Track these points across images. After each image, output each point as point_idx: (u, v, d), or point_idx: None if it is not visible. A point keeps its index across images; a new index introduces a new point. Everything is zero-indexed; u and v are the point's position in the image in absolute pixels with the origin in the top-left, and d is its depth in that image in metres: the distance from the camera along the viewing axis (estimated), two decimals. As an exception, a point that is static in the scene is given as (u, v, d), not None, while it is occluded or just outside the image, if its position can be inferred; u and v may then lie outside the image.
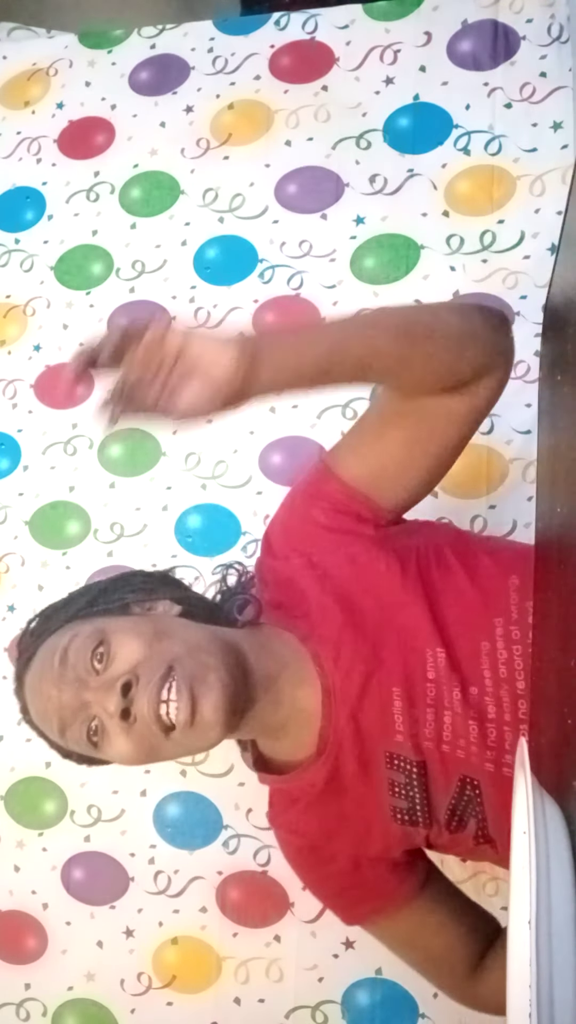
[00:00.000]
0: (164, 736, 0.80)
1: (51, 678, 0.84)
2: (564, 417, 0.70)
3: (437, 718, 0.84)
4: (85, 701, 0.82)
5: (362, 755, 0.87)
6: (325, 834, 0.92)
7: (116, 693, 0.79)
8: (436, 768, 0.85)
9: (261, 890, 1.26)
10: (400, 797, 0.86)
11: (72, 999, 1.32)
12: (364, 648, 0.87)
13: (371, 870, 0.92)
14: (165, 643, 0.82)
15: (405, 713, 0.85)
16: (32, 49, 1.64)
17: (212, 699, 0.79)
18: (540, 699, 0.70)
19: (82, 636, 0.84)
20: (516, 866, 0.50)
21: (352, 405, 1.34)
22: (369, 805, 0.88)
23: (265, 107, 1.47)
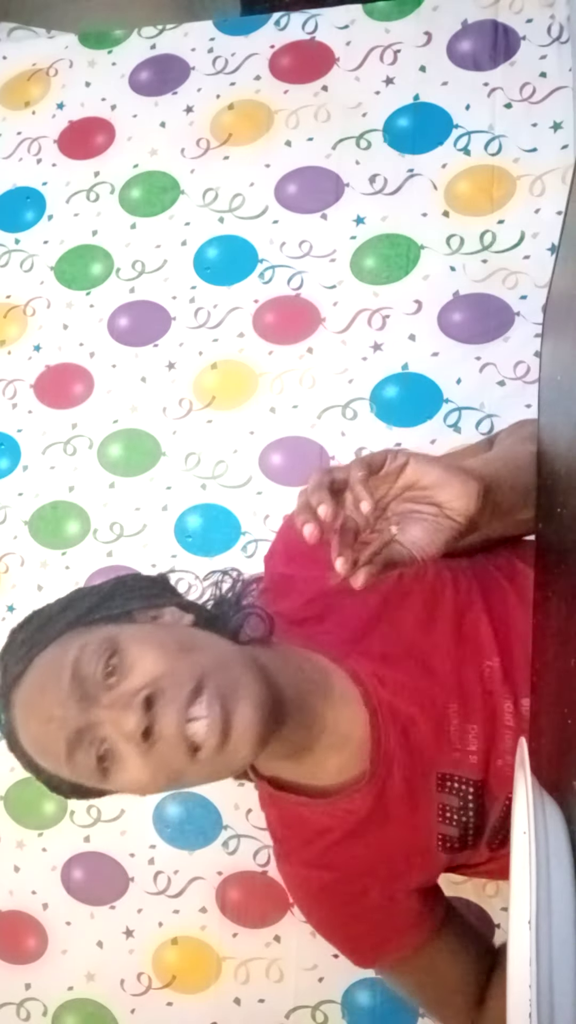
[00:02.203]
0: (189, 758, 0.70)
1: (55, 697, 0.73)
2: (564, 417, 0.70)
3: (495, 732, 0.78)
4: (95, 720, 0.71)
5: (412, 779, 0.80)
6: (360, 867, 0.83)
7: (137, 709, 0.69)
8: (492, 786, 0.79)
9: (261, 890, 1.26)
10: (450, 824, 0.80)
11: (72, 999, 1.32)
12: (413, 665, 0.80)
13: (405, 903, 0.84)
14: (193, 655, 0.73)
15: (461, 728, 0.79)
16: (32, 49, 1.64)
17: (247, 716, 0.70)
18: (540, 699, 0.70)
19: (92, 645, 0.73)
20: (516, 866, 0.50)
21: (352, 405, 1.34)
22: (414, 834, 0.81)
23: (265, 107, 1.47)
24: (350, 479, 0.66)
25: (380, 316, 1.36)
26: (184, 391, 1.42)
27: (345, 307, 1.38)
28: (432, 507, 0.69)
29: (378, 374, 1.35)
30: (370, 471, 0.67)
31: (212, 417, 1.41)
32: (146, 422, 1.43)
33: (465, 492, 0.68)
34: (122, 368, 1.46)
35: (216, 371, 1.42)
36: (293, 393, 1.38)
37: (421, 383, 1.33)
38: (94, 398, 1.46)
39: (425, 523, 0.69)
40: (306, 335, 1.39)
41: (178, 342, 1.44)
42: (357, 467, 0.66)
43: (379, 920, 0.84)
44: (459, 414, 1.30)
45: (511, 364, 1.30)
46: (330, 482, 0.67)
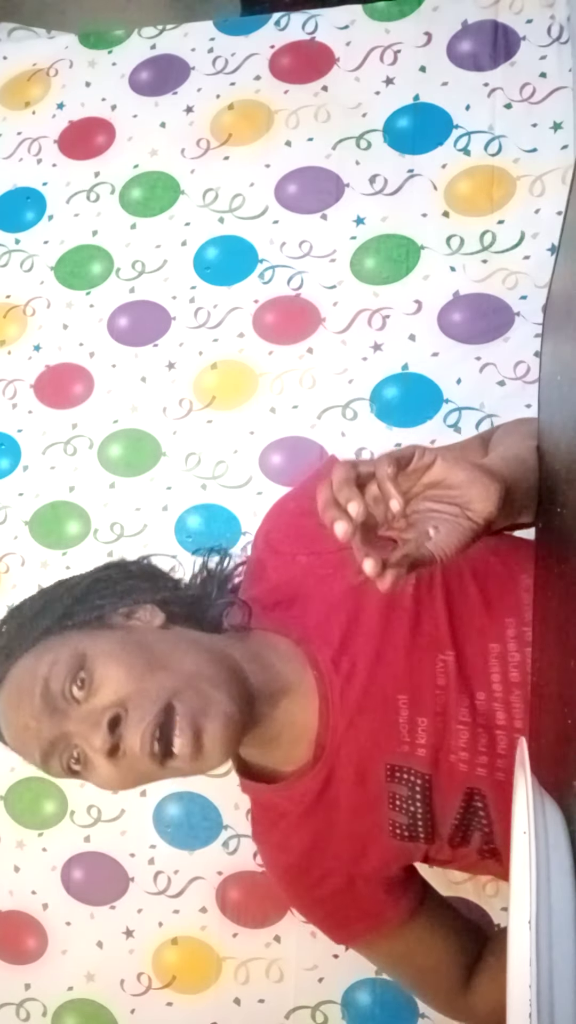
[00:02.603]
0: (158, 766, 0.74)
1: (29, 710, 0.76)
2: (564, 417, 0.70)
3: (446, 727, 0.79)
4: (66, 732, 0.76)
5: (360, 765, 0.81)
6: (316, 850, 0.86)
7: (102, 729, 0.73)
8: (443, 781, 0.79)
9: (261, 890, 1.26)
10: (400, 812, 0.81)
11: (72, 999, 1.32)
12: (368, 652, 0.81)
13: (365, 888, 0.86)
14: (159, 675, 0.75)
15: (411, 721, 0.79)
16: (32, 49, 1.64)
17: (217, 733, 0.74)
18: (540, 699, 0.70)
19: (61, 662, 0.76)
20: (516, 866, 0.50)
21: (352, 405, 1.34)
22: (365, 819, 0.83)
23: (265, 107, 1.47)
24: (378, 475, 0.66)
25: (380, 316, 1.36)
26: (184, 391, 1.42)
27: (345, 307, 1.38)
28: (453, 507, 0.69)
29: (378, 374, 1.35)
30: (398, 468, 0.66)
31: (212, 417, 1.41)
32: (146, 422, 1.43)
33: (487, 495, 0.68)
34: (122, 368, 1.46)
35: (216, 371, 1.42)
36: (293, 393, 1.38)
37: (421, 383, 1.33)
38: (94, 398, 1.46)
39: (446, 524, 0.69)
40: (306, 335, 1.39)
41: (178, 342, 1.44)
42: (386, 463, 0.66)
43: (341, 903, 0.87)
44: (459, 414, 1.30)
45: (511, 364, 1.30)
46: (356, 476, 0.66)
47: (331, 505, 0.66)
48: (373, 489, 0.66)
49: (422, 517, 0.69)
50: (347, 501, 0.64)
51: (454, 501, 0.69)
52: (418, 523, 0.69)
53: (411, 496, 0.69)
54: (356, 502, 0.64)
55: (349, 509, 0.64)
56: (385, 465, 0.65)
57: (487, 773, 0.79)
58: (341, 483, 0.66)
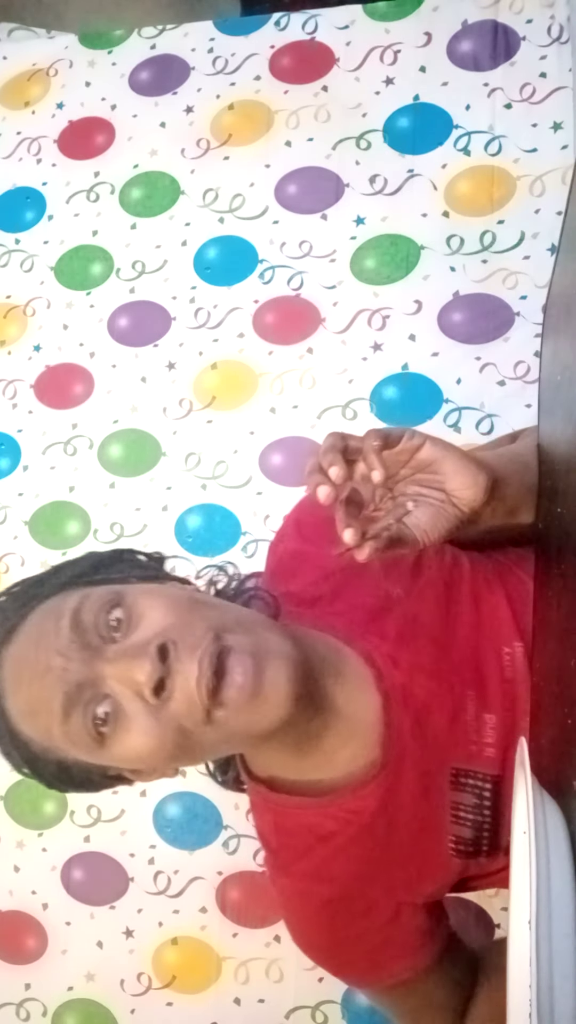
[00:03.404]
0: (204, 719, 0.63)
1: (55, 646, 0.65)
2: (564, 417, 0.70)
3: (514, 723, 0.72)
4: (99, 674, 0.64)
5: (425, 772, 0.73)
6: (366, 877, 0.75)
7: (150, 656, 0.61)
8: (510, 782, 0.69)
9: (261, 890, 1.26)
10: (464, 824, 0.73)
11: (72, 999, 1.32)
12: (430, 647, 0.75)
13: (412, 921, 0.76)
14: (207, 610, 0.67)
15: (478, 719, 0.73)
16: (32, 49, 1.64)
17: (279, 674, 0.63)
18: (540, 699, 0.70)
19: (94, 597, 0.66)
20: (516, 866, 0.50)
21: (352, 405, 1.34)
22: (426, 838, 0.74)
23: (265, 107, 1.47)
24: (364, 446, 0.65)
25: (380, 316, 1.36)
26: (184, 391, 1.42)
27: (345, 307, 1.38)
28: (439, 493, 0.69)
29: (378, 374, 1.35)
30: (386, 443, 0.66)
31: (212, 417, 1.41)
32: (146, 422, 1.43)
33: (474, 483, 0.68)
34: (122, 368, 1.46)
35: (216, 371, 1.42)
36: (293, 393, 1.38)
37: (421, 383, 1.33)
38: (94, 398, 1.46)
39: (431, 508, 0.69)
40: (306, 335, 1.39)
41: (178, 342, 1.44)
42: (373, 436, 0.65)
43: (381, 942, 0.77)
44: (459, 414, 1.30)
45: (511, 364, 1.30)
46: (343, 447, 0.66)
47: (315, 470, 0.66)
48: (361, 467, 0.66)
49: (408, 499, 0.69)
50: (329, 465, 0.64)
51: (441, 487, 0.69)
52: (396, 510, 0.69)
53: (399, 478, 0.69)
54: (338, 467, 0.64)
55: (330, 473, 0.64)
56: (372, 438, 0.65)
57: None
58: (327, 449, 0.66)
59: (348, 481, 0.65)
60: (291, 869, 0.77)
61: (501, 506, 0.72)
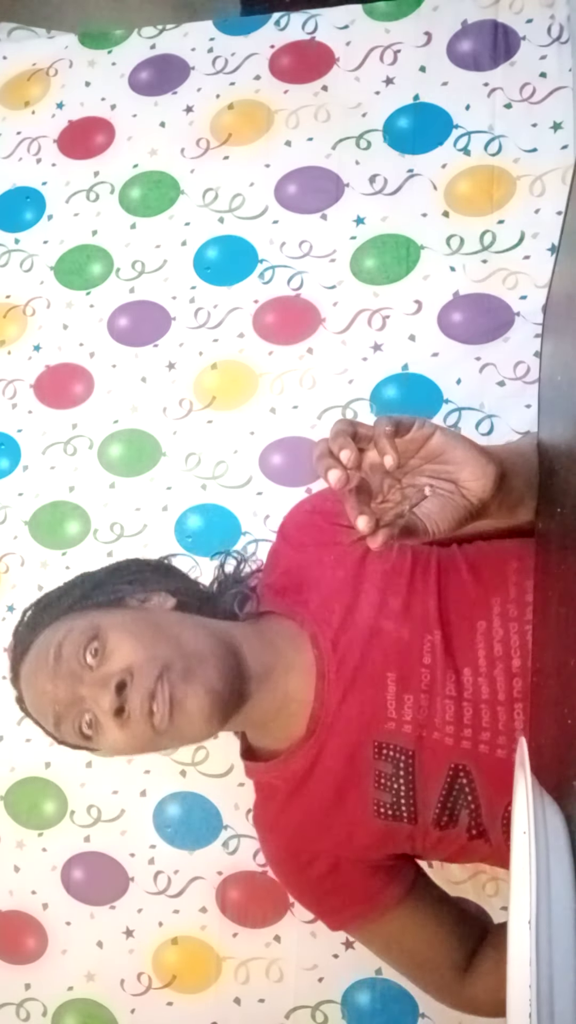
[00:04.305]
0: (152, 732, 0.81)
1: (46, 673, 0.85)
2: (564, 417, 0.70)
3: (430, 703, 0.83)
4: (79, 696, 0.83)
5: (349, 742, 0.85)
6: (305, 830, 0.90)
7: (111, 691, 0.80)
8: (427, 756, 0.83)
9: (261, 890, 1.26)
10: (384, 790, 0.84)
11: (72, 999, 1.32)
12: (363, 632, 0.86)
13: (353, 871, 0.90)
14: (160, 645, 0.83)
15: (398, 698, 0.84)
16: (32, 49, 1.64)
17: (197, 698, 0.81)
18: (540, 698, 0.70)
19: (76, 631, 0.84)
20: (516, 866, 0.50)
21: (352, 406, 1.34)
22: (351, 799, 0.86)
23: (265, 107, 1.47)
24: (376, 432, 0.66)
25: (380, 316, 1.36)
26: (184, 391, 1.42)
27: (345, 307, 1.38)
28: (449, 484, 0.70)
29: (378, 374, 1.35)
30: (397, 430, 0.67)
31: (212, 417, 1.41)
32: (146, 422, 1.43)
33: (484, 474, 0.69)
34: (122, 368, 1.46)
35: (216, 371, 1.42)
36: (293, 393, 1.38)
37: (421, 383, 1.33)
38: (94, 398, 1.46)
39: (440, 498, 0.69)
40: (306, 335, 1.39)
41: (178, 342, 1.44)
42: (386, 422, 0.66)
43: (331, 887, 0.92)
44: (459, 414, 1.30)
45: (511, 364, 1.30)
46: (353, 433, 0.67)
47: (325, 455, 0.67)
48: (371, 455, 0.67)
49: (424, 484, 0.70)
50: (340, 449, 0.65)
51: (450, 477, 0.70)
52: (413, 495, 0.70)
53: (409, 468, 0.69)
54: (349, 450, 0.65)
55: (341, 457, 0.65)
56: (385, 423, 0.66)
57: (471, 746, 0.81)
58: (336, 434, 0.67)
59: (358, 468, 0.65)
60: (260, 822, 0.97)
61: (507, 500, 0.73)
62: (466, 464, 0.69)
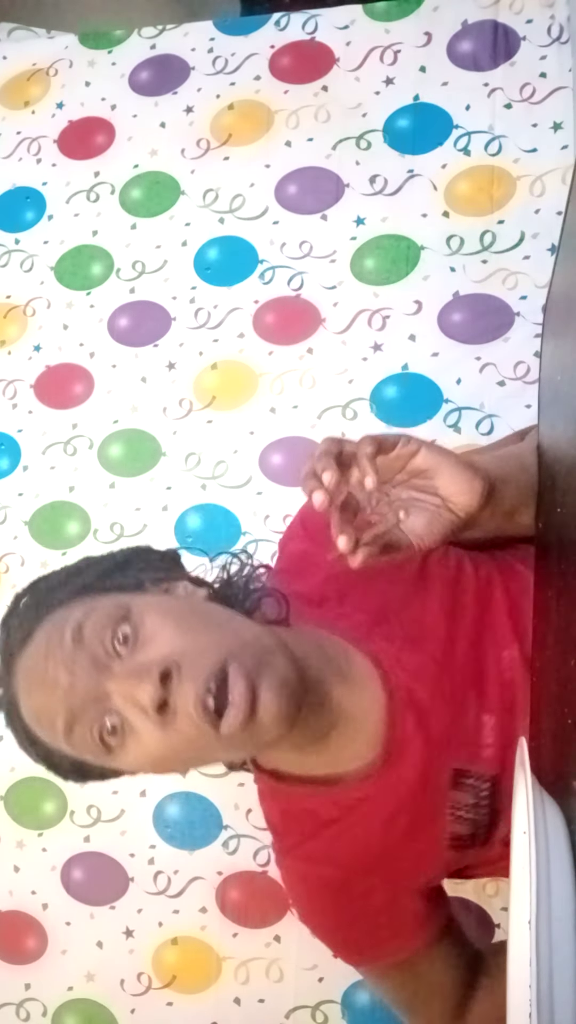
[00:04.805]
0: (214, 734, 0.65)
1: (61, 659, 0.67)
2: (564, 417, 0.70)
3: (514, 723, 0.74)
4: (104, 690, 0.66)
5: (426, 771, 0.75)
6: (366, 862, 0.79)
7: (153, 679, 0.64)
8: (509, 781, 0.71)
9: (261, 890, 1.26)
10: (461, 822, 0.76)
11: (72, 999, 1.32)
12: (435, 649, 0.77)
13: (409, 904, 0.80)
14: (215, 632, 0.69)
15: (476, 720, 0.75)
16: (32, 49, 1.64)
17: (272, 702, 0.65)
18: (540, 699, 0.70)
19: (101, 611, 0.68)
20: (516, 866, 0.50)
21: (352, 406, 1.34)
22: (423, 830, 0.77)
23: (265, 107, 1.47)
24: (358, 452, 0.66)
25: (380, 316, 1.36)
26: (184, 391, 1.42)
27: (345, 307, 1.38)
28: (435, 498, 0.69)
29: (378, 374, 1.35)
30: (380, 450, 0.66)
31: (212, 417, 1.41)
32: (146, 422, 1.43)
33: (470, 489, 0.68)
34: (122, 368, 1.46)
35: (216, 371, 1.42)
36: (293, 393, 1.38)
37: (421, 383, 1.33)
38: (94, 398, 1.46)
39: (426, 513, 0.69)
40: (306, 335, 1.39)
41: (178, 342, 1.44)
42: (367, 443, 0.66)
43: (381, 922, 0.80)
44: (459, 414, 1.30)
45: (511, 364, 1.30)
46: (338, 452, 0.66)
47: (310, 476, 0.66)
48: (356, 472, 0.67)
49: (403, 504, 0.70)
50: (323, 471, 0.65)
51: (437, 492, 0.69)
52: (400, 510, 0.70)
53: (395, 483, 0.69)
54: (330, 472, 0.64)
55: (323, 478, 0.64)
56: (366, 444, 0.66)
57: None
58: (321, 454, 0.66)
59: (343, 486, 0.66)
60: (296, 851, 0.81)
61: (499, 509, 0.72)
62: (452, 480, 0.68)
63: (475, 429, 1.29)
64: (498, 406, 1.29)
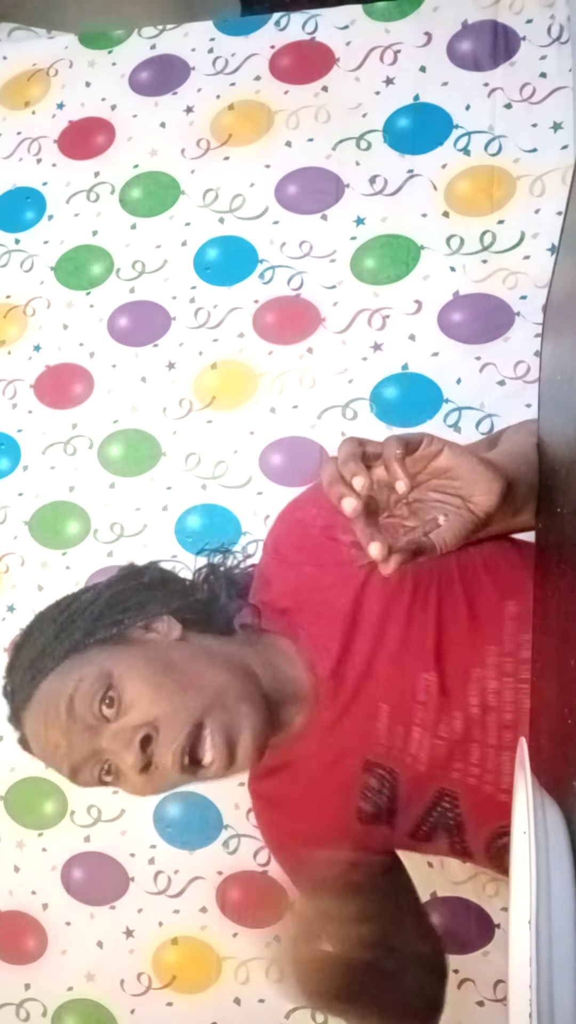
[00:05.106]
0: (191, 776, 0.76)
1: (58, 727, 0.78)
2: (564, 417, 0.70)
3: (421, 738, 0.80)
4: (98, 748, 0.77)
5: (337, 759, 0.84)
6: (291, 812, 0.89)
7: (135, 748, 0.74)
8: (409, 780, 0.81)
9: (261, 890, 1.26)
10: (368, 801, 0.83)
11: (72, 999, 1.32)
12: (360, 663, 0.83)
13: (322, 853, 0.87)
14: (189, 694, 0.76)
15: (390, 729, 0.81)
16: (32, 49, 1.64)
17: (248, 745, 0.76)
18: (540, 699, 0.70)
19: (87, 682, 0.77)
20: (516, 866, 0.50)
21: (352, 405, 1.34)
22: (332, 801, 0.85)
23: (265, 108, 1.47)
24: (385, 455, 0.65)
25: (380, 316, 1.36)
26: (184, 391, 1.42)
27: (345, 307, 1.38)
28: (455, 499, 0.69)
29: (378, 374, 1.35)
30: (407, 451, 0.66)
31: (212, 417, 1.41)
32: (146, 422, 1.43)
33: (490, 489, 0.69)
34: (122, 368, 1.46)
35: (216, 371, 1.42)
36: (293, 393, 1.38)
37: (421, 383, 1.33)
38: (94, 398, 1.46)
39: (448, 514, 0.69)
40: (306, 335, 1.39)
41: (178, 342, 1.44)
42: (395, 444, 0.65)
43: (299, 859, 0.89)
44: (459, 414, 1.30)
45: (511, 364, 1.30)
46: (362, 454, 0.66)
47: (337, 480, 0.65)
48: (378, 472, 0.66)
49: (424, 505, 0.70)
50: (352, 475, 0.64)
51: (457, 492, 0.69)
52: (420, 511, 0.70)
53: (416, 483, 0.68)
54: (361, 476, 0.64)
55: (354, 484, 0.64)
56: (394, 446, 0.65)
57: (460, 777, 0.80)
58: (346, 457, 0.66)
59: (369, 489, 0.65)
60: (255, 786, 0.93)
61: (510, 508, 0.72)
62: (473, 481, 0.69)
63: (475, 429, 1.29)
64: (498, 406, 1.29)
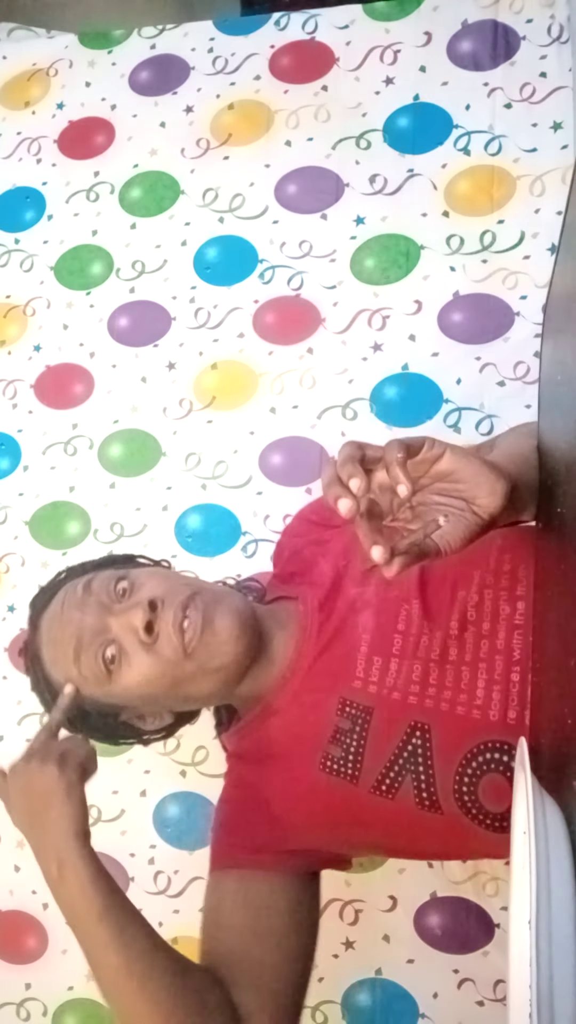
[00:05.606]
0: (183, 654, 0.84)
1: (74, 603, 0.88)
2: (564, 417, 0.70)
3: (399, 667, 0.85)
4: (106, 625, 0.86)
5: (317, 696, 0.88)
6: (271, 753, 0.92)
7: (143, 608, 0.84)
8: (385, 715, 0.84)
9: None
10: (337, 744, 0.86)
11: (72, 999, 1.32)
12: (347, 596, 0.91)
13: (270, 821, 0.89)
14: (190, 582, 0.91)
15: (368, 659, 0.87)
16: (32, 49, 1.64)
17: (226, 618, 0.86)
18: (540, 698, 0.70)
19: (104, 574, 0.90)
20: (516, 866, 0.50)
21: (352, 405, 1.34)
22: (303, 748, 0.88)
23: (265, 107, 1.47)
24: (387, 459, 0.66)
25: (380, 316, 1.36)
26: (184, 391, 1.42)
27: (345, 307, 1.38)
28: (459, 501, 0.70)
29: (378, 374, 1.35)
30: (408, 454, 0.66)
31: (212, 417, 1.41)
32: (146, 422, 1.43)
33: (493, 491, 0.69)
34: (122, 368, 1.46)
35: (216, 371, 1.42)
36: (293, 393, 1.38)
37: (421, 383, 1.33)
38: (94, 398, 1.46)
39: (452, 516, 0.69)
40: (306, 335, 1.39)
41: (178, 342, 1.44)
42: (396, 448, 0.66)
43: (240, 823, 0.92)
44: (459, 414, 1.30)
45: (511, 364, 1.30)
46: (361, 457, 0.66)
47: (334, 482, 0.66)
48: (380, 476, 0.67)
49: (428, 509, 0.70)
50: (349, 477, 0.65)
51: (460, 495, 0.70)
52: (423, 514, 0.70)
53: (419, 487, 0.69)
54: (358, 478, 0.64)
55: (351, 485, 0.64)
56: (395, 450, 0.65)
57: (433, 704, 0.83)
58: (345, 460, 0.66)
59: (367, 493, 0.65)
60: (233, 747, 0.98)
61: (513, 508, 0.73)
62: (477, 483, 0.69)
63: (475, 429, 1.29)
64: (498, 406, 1.29)
